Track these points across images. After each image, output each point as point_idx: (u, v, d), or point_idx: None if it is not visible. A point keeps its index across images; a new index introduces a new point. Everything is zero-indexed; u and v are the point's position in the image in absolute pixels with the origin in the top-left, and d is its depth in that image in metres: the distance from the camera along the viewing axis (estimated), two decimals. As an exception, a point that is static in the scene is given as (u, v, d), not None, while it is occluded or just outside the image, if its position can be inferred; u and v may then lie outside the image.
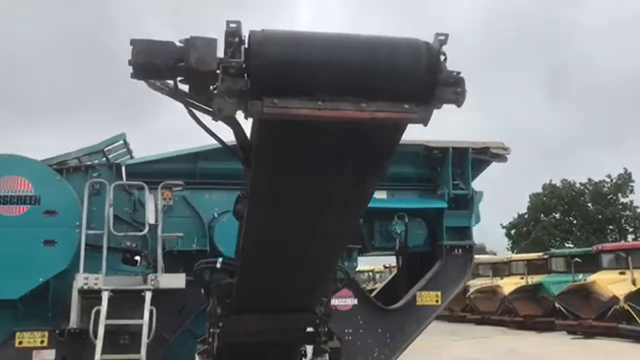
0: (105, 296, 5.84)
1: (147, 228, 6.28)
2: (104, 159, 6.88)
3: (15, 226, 5.87)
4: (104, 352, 5.70)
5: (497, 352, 15.76)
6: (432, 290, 7.06)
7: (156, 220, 6.30)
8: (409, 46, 2.64)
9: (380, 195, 7.26)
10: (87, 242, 6.09)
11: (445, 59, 2.70)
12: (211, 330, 4.72)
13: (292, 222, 3.41)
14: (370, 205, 6.95)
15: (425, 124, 2.72)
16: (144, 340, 5.72)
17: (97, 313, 5.78)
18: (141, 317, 5.81)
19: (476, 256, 29.08)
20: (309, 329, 4.75)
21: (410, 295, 7.02)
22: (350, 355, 6.79)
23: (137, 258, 6.79)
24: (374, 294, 8.34)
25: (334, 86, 2.56)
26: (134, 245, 6.57)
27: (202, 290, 5.01)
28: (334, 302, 6.62)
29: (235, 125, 3.05)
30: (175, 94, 2.77)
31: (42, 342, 6.02)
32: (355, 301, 6.86)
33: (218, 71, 2.46)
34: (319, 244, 3.62)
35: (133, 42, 2.49)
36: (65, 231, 5.98)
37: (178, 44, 2.55)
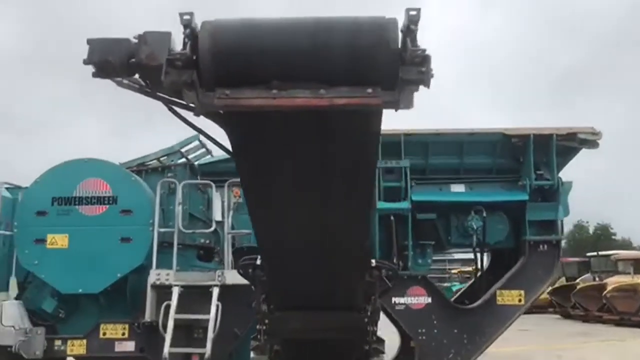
0: (175, 291, 6.06)
1: (214, 225, 6.44)
2: (183, 159, 7.15)
3: (95, 225, 6.26)
4: (175, 345, 5.93)
5: (627, 357, 14.38)
6: (515, 289, 6.54)
7: (223, 217, 6.43)
8: (371, 25, 2.43)
9: (457, 188, 6.89)
10: (163, 239, 6.35)
11: (415, 37, 2.44)
12: (258, 326, 4.72)
13: (290, 217, 3.31)
14: (445, 199, 6.67)
15: (396, 109, 2.48)
16: (210, 334, 5.84)
17: (167, 307, 6.02)
18: (209, 312, 5.96)
19: (615, 252, 27.09)
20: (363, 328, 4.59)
21: (489, 294, 6.57)
22: (424, 356, 6.50)
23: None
24: (459, 293, 7.94)
25: (289, 73, 2.41)
26: (207, 242, 6.76)
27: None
28: (407, 300, 6.39)
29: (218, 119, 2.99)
30: (145, 91, 2.75)
31: (123, 334, 6.38)
32: (429, 300, 6.54)
33: (173, 64, 2.41)
34: (328, 239, 3.47)
35: (89, 41, 2.50)
36: (140, 229, 6.28)
37: (133, 40, 2.52)
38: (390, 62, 2.39)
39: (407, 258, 6.53)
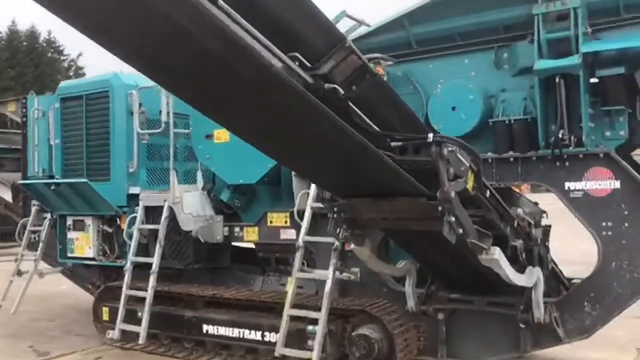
0: (314, 181, 5.84)
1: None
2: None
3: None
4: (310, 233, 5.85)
5: None
6: None
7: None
8: None
9: None
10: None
11: None
12: (328, 215, 4.32)
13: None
14: (633, 44, 4.82)
15: None
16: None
17: (305, 196, 5.88)
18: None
19: None
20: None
21: None
22: (610, 256, 4.94)
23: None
24: None
25: None
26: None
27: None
28: (585, 185, 4.97)
29: None
30: None
31: (285, 222, 6.48)
32: (617, 184, 4.86)
33: None
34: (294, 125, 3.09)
35: None
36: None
37: None
38: None
39: (583, 130, 4.96)
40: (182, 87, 2.96)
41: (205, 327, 6.33)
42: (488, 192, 4.28)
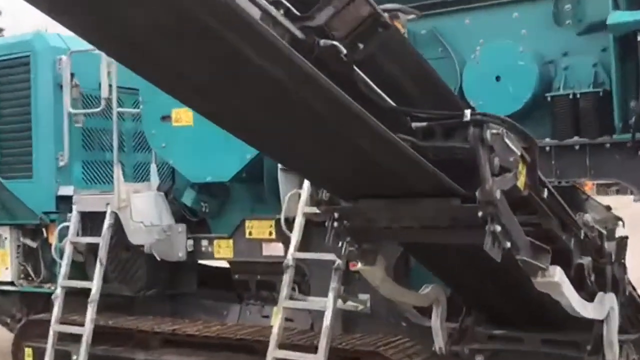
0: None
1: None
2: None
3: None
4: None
5: None
6: None
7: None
8: None
9: None
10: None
11: None
12: (327, 223, 4.31)
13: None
14: None
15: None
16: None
17: (295, 198, 5.95)
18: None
19: None
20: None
21: None
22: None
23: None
24: None
25: None
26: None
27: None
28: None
29: None
30: None
31: (270, 233, 6.43)
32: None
33: None
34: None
35: None
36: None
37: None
38: None
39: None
40: (130, 50, 2.84)
41: (163, 374, 6.10)
42: (546, 192, 4.17)
